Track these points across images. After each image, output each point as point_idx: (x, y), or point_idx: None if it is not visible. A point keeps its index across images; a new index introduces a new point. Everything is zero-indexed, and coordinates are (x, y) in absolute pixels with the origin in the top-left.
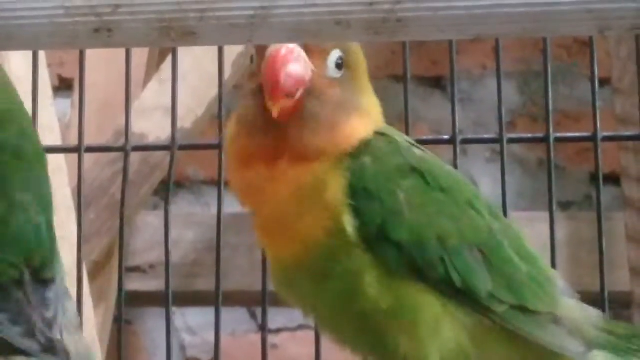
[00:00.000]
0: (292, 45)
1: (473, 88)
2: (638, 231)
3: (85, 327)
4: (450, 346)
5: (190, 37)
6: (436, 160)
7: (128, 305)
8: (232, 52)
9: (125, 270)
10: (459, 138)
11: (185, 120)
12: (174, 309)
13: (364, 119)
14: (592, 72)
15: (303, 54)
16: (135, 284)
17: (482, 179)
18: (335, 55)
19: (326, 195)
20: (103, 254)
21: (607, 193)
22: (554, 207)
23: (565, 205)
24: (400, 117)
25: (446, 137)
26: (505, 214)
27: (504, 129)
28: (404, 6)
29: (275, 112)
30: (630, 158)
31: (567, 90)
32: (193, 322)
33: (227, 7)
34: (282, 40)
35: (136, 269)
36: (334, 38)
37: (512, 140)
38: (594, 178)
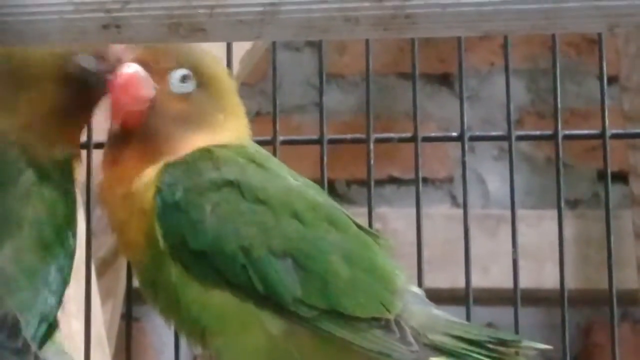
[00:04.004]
0: (133, 68)
1: (481, 85)
2: None
3: (93, 325)
4: (263, 351)
5: (200, 33)
6: (274, 172)
7: (136, 302)
8: (240, 48)
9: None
10: (467, 135)
11: None
12: None
13: (211, 134)
14: (601, 70)
15: (144, 74)
16: None
17: (490, 176)
18: (178, 73)
19: (143, 203)
20: (111, 251)
21: (615, 191)
22: (562, 205)
23: (573, 204)
24: (407, 114)
25: (454, 134)
26: (513, 211)
27: (512, 126)
28: (412, 2)
29: (115, 127)
30: (638, 155)
31: (575, 87)
32: None
33: (236, 4)
34: (291, 37)
35: None
36: (343, 34)
37: (520, 138)
38: (601, 176)
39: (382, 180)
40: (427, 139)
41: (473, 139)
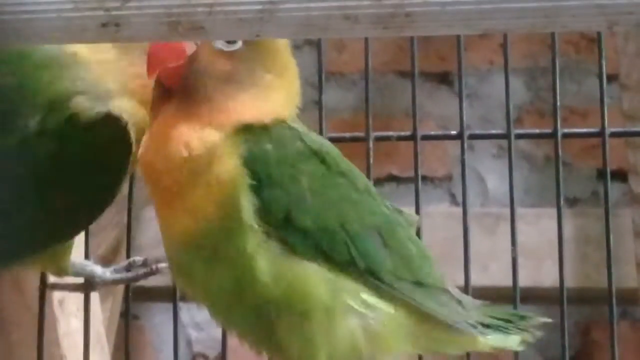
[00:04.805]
0: None
1: (480, 84)
2: None
3: (92, 323)
4: (342, 341)
5: (199, 31)
6: (333, 147)
7: (135, 300)
8: None
9: (131, 261)
10: (466, 134)
11: None
12: (180, 304)
13: (258, 96)
14: (600, 68)
15: None
16: None
17: (489, 175)
18: None
19: (219, 169)
20: (110, 249)
21: (614, 189)
22: (561, 204)
23: (572, 202)
24: (407, 112)
25: (453, 132)
26: (512, 210)
27: (512, 124)
28: (412, 1)
29: (149, 77)
30: (637, 154)
31: (574, 86)
32: (200, 317)
33: (236, 2)
34: (290, 35)
35: (143, 264)
36: (342, 33)
37: (519, 136)
38: (601, 174)
39: (381, 179)
40: (426, 137)
41: (472, 137)
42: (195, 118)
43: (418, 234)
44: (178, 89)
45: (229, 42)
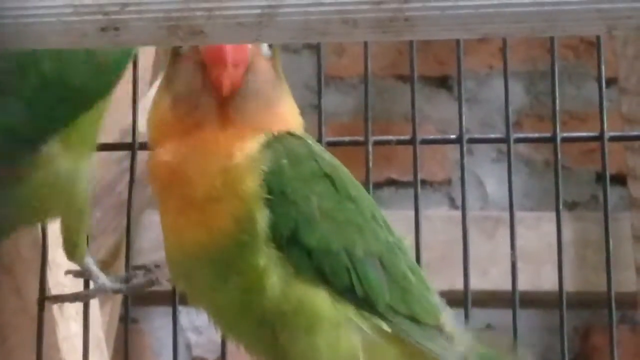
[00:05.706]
0: None
1: (479, 88)
2: None
3: (91, 327)
4: (344, 354)
5: (198, 35)
6: (342, 167)
7: (134, 304)
8: None
9: (131, 269)
10: (466, 137)
11: None
12: (180, 308)
13: (291, 105)
14: (599, 72)
15: None
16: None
17: (488, 179)
18: None
19: (242, 185)
20: (109, 253)
21: (614, 193)
22: (561, 208)
23: (571, 206)
24: (406, 116)
25: (453, 136)
26: (511, 214)
27: (511, 128)
28: (411, 5)
29: (226, 87)
30: (636, 158)
31: (573, 90)
32: (199, 321)
33: (235, 6)
34: (290, 40)
35: (142, 268)
36: (341, 37)
37: (519, 140)
38: (600, 178)
39: (380, 183)
40: (425, 141)
41: (471, 141)
42: (242, 126)
43: (417, 237)
44: (234, 97)
45: (269, 47)
